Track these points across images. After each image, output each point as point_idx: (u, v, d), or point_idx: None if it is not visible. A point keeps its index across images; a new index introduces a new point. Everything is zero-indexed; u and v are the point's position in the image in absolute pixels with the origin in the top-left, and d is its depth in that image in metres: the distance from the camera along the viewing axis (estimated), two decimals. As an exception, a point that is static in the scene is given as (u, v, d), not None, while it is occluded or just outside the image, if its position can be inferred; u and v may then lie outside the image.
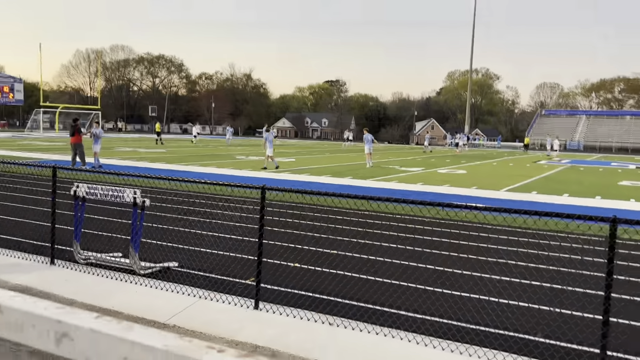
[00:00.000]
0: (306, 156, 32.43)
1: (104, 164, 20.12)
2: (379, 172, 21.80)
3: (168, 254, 6.93)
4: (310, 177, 18.61)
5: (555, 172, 26.02)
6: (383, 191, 15.25)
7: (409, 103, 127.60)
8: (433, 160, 33.28)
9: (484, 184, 18.25)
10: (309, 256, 7.12)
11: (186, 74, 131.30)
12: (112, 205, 9.20)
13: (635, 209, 13.25)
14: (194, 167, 21.39)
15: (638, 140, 76.12)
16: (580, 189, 17.52)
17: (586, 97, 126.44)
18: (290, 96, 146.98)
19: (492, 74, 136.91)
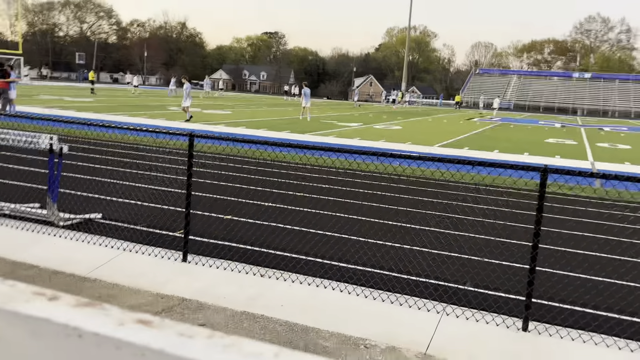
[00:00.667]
0: (243, 109, 31.74)
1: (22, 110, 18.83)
2: (317, 127, 21.65)
3: (90, 205, 6.54)
4: (246, 130, 18.19)
5: (487, 129, 26.77)
6: (319, 145, 15.13)
7: (348, 59, 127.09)
8: (371, 116, 33.44)
9: (418, 140, 18.50)
10: (240, 207, 6.93)
11: (116, 20, 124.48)
12: (27, 154, 8.58)
13: (560, 164, 13.82)
14: (123, 117, 20.44)
15: (563, 100, 79.66)
16: (509, 146, 18.10)
17: (518, 57, 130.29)
18: (228, 47, 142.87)
19: (430, 31, 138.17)
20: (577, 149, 18.17)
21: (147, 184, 7.91)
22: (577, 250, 5.98)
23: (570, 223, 7.04)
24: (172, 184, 7.99)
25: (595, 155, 16.65)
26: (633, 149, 19.53)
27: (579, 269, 5.32)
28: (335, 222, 6.51)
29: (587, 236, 6.56)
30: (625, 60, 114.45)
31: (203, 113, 25.68)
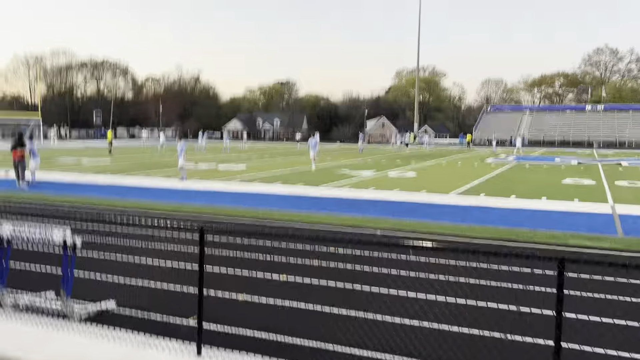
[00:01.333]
0: (257, 161, 32.01)
1: (44, 180, 19.18)
2: (330, 177, 21.69)
3: (104, 289, 6.52)
4: (260, 187, 18.27)
5: (502, 170, 26.60)
6: (334, 200, 15.11)
7: (360, 102, 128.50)
8: (384, 161, 33.48)
9: (433, 187, 18.39)
10: (256, 284, 6.84)
11: (132, 77, 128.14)
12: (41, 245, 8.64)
13: (580, 210, 13.59)
14: (138, 179, 20.67)
15: (578, 133, 79.20)
16: (526, 189, 17.89)
17: (529, 91, 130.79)
18: (241, 97, 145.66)
19: (439, 71, 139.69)
20: (596, 190, 17.90)
21: (159, 257, 7.88)
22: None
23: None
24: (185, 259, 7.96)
25: (615, 196, 16.37)
26: (653, 186, 19.20)
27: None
28: (365, 299, 6.38)
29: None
30: (638, 89, 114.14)
31: (218, 169, 25.95)
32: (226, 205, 13.92)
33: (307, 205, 13.92)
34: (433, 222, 11.58)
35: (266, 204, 14.07)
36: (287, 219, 11.77)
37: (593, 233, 10.47)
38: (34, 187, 17.52)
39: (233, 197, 15.66)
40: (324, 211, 13.00)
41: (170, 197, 15.35)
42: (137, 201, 14.51)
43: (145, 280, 6.98)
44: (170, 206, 13.66)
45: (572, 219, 12.22)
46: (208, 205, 13.89)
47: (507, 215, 12.70)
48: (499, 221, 11.78)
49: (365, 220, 11.80)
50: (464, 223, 11.52)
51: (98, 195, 15.69)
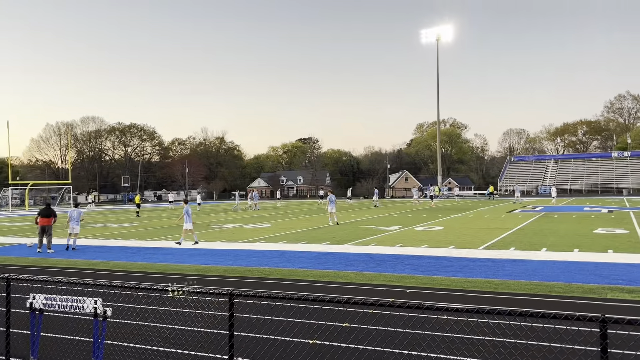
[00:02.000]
0: (282, 220, 32.07)
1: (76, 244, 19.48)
2: (356, 234, 21.55)
3: (135, 359, 6.46)
4: (286, 246, 18.24)
5: (531, 222, 26.13)
6: (361, 256, 14.97)
7: (382, 156, 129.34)
8: (409, 216, 33.24)
9: (461, 242, 18.11)
10: (284, 349, 6.72)
11: (159, 141, 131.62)
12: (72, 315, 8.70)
13: (615, 260, 13.19)
14: (165, 242, 20.84)
15: (606, 180, 77.91)
16: (557, 241, 17.49)
17: (552, 140, 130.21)
18: (265, 156, 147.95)
19: (460, 123, 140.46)
20: (630, 240, 17.40)
21: (187, 326, 7.83)
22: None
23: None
24: (213, 325, 7.88)
25: (651, 245, 15.88)
26: (690, 233, 18.59)
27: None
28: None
29: (659, 358, 6.02)
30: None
31: (244, 228, 26.05)
32: (253, 265, 13.89)
33: (334, 264, 13.80)
34: (464, 278, 11.34)
35: (293, 264, 13.99)
36: (313, 278, 11.66)
37: (632, 285, 10.11)
38: (71, 253, 17.93)
39: (260, 256, 15.63)
40: (351, 269, 12.87)
41: (199, 259, 15.40)
42: (165, 264, 14.59)
43: (175, 348, 6.90)
44: (197, 267, 13.69)
45: (608, 270, 11.84)
46: (235, 266, 13.88)
47: (539, 268, 12.37)
48: (532, 275, 11.48)
49: (394, 277, 11.62)
50: (495, 278, 11.25)
51: (126, 260, 15.83)
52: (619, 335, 6.55)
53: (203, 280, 11.88)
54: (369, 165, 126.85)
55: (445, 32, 77.48)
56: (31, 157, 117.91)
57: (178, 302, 8.89)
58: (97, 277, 12.79)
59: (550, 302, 8.85)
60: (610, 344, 3.54)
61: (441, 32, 77.40)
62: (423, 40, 78.41)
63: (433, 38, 77.67)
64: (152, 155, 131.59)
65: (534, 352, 6.22)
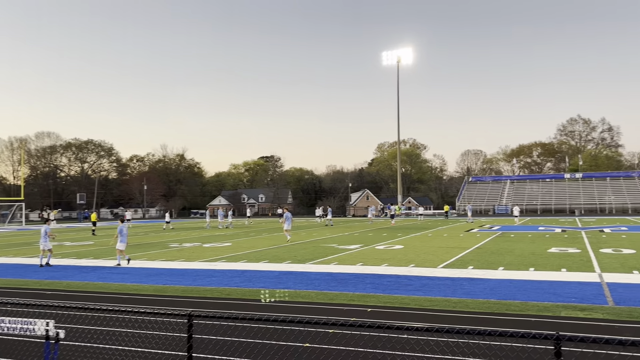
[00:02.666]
0: (243, 239, 31.75)
1: (22, 264, 18.79)
2: (317, 253, 21.53)
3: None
4: (247, 265, 18.05)
5: (488, 241, 26.68)
6: (322, 275, 14.94)
7: (343, 175, 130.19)
8: (370, 234, 33.45)
9: (421, 261, 18.31)
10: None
11: (116, 158, 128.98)
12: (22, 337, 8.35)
13: (568, 279, 13.57)
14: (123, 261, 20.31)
15: (559, 200, 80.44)
16: (513, 260, 17.90)
17: (508, 162, 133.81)
18: (226, 173, 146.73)
19: (419, 143, 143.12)
20: (582, 259, 17.96)
21: (145, 347, 7.63)
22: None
23: None
24: (172, 347, 7.70)
25: (602, 264, 16.43)
26: (638, 253, 19.32)
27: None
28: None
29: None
30: (613, 157, 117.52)
31: (203, 247, 25.67)
32: (213, 285, 13.69)
33: (295, 283, 13.73)
34: (423, 297, 11.46)
35: (254, 283, 13.86)
36: (275, 298, 11.56)
37: (584, 303, 10.41)
38: (22, 272, 17.19)
39: (220, 276, 15.40)
40: (312, 288, 12.82)
41: (156, 279, 15.06)
42: (121, 284, 14.21)
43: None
44: (155, 288, 13.39)
45: (562, 289, 12.17)
46: (194, 286, 13.64)
47: (496, 287, 12.62)
48: (489, 294, 11.69)
49: (355, 296, 11.65)
50: (454, 297, 11.41)
51: (81, 280, 15.35)
52: (572, 352, 6.72)
53: (161, 301, 11.62)
54: (331, 184, 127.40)
55: (405, 55, 79.23)
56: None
57: (135, 323, 8.66)
58: (49, 297, 12.34)
59: (507, 320, 9.03)
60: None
61: (402, 54, 79.14)
62: (384, 62, 79.92)
63: (394, 60, 79.30)
64: (109, 172, 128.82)
65: (491, 370, 6.32)
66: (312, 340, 7.87)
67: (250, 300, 11.56)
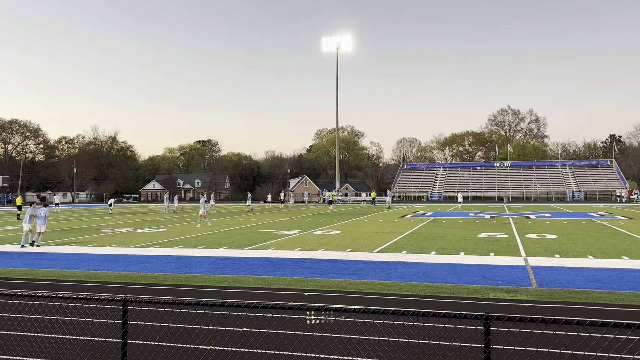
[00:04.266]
0: (178, 224, 31.16)
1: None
2: (255, 238, 21.47)
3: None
4: (182, 251, 17.75)
5: (421, 226, 27.49)
6: (260, 260, 14.94)
7: (282, 161, 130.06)
8: (308, 220, 33.68)
9: (357, 245, 18.65)
10: (180, 356, 6.55)
11: (44, 139, 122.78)
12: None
13: (496, 263, 14.23)
14: (51, 247, 19.50)
15: (489, 188, 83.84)
16: (445, 245, 18.55)
17: (441, 150, 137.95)
18: (160, 157, 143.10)
19: (357, 131, 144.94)
20: (509, 244, 18.85)
21: (77, 335, 7.39)
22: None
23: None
24: (105, 333, 7.51)
25: (527, 248, 17.31)
26: (559, 238, 20.48)
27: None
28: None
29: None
30: (539, 147, 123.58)
31: (137, 233, 25.01)
32: (147, 271, 13.39)
33: (232, 269, 13.65)
34: (359, 280, 11.70)
35: (189, 269, 13.67)
36: (211, 284, 11.47)
37: (510, 286, 10.97)
38: None
39: (154, 262, 15.09)
40: (249, 274, 12.81)
41: (88, 264, 14.56)
42: (50, 270, 13.65)
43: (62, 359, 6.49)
44: (86, 274, 12.95)
45: (490, 272, 12.76)
46: (128, 272, 13.30)
47: (429, 271, 13.06)
48: (422, 277, 12.09)
49: (293, 280, 11.74)
50: (389, 280, 11.72)
51: (4, 266, 14.62)
52: (500, 331, 7.08)
53: (93, 287, 11.26)
54: (270, 170, 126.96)
55: (344, 42, 79.62)
56: None
57: (67, 310, 8.35)
58: (-30, 285, 11.67)
59: (439, 303, 9.38)
60: (492, 340, 3.84)
61: (341, 41, 79.46)
62: (324, 48, 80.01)
63: (333, 47, 79.54)
64: (35, 154, 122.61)
65: (425, 350, 6.56)
66: (249, 325, 7.88)
67: (185, 286, 11.41)
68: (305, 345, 6.88)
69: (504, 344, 6.65)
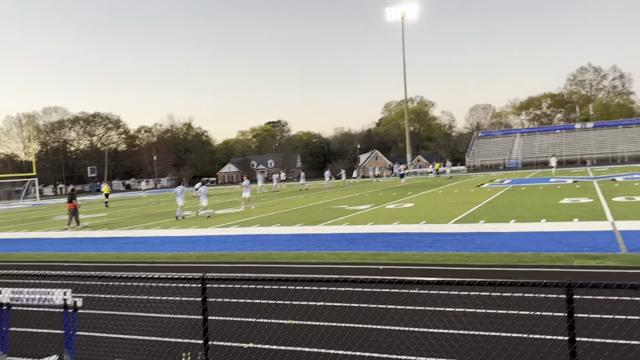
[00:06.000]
0: (255, 203, 31.93)
1: (38, 238, 19.05)
2: (328, 215, 21.63)
3: (108, 350, 6.39)
4: (259, 229, 18.19)
5: (499, 194, 26.63)
6: (334, 236, 15.04)
7: (351, 136, 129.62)
8: (380, 194, 33.51)
9: (432, 217, 18.35)
10: (259, 331, 6.73)
11: (124, 129, 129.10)
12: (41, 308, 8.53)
13: (580, 229, 13.56)
14: (136, 231, 20.58)
15: (570, 152, 79.71)
16: (525, 213, 17.87)
17: (517, 115, 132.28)
18: (234, 140, 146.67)
19: (427, 100, 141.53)
20: (594, 208, 17.89)
21: (160, 313, 7.77)
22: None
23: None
24: (187, 311, 7.84)
25: (614, 212, 16.37)
26: (651, 199, 19.21)
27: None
28: (375, 338, 6.26)
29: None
30: (625, 104, 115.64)
31: (216, 214, 25.88)
32: (226, 250, 13.84)
33: (307, 245, 13.83)
34: (435, 252, 11.51)
35: (266, 246, 13.99)
36: (287, 260, 11.68)
37: (597, 252, 10.42)
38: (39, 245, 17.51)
39: (233, 241, 15.56)
40: (324, 249, 12.92)
41: (171, 246, 15.26)
42: (136, 253, 14.41)
43: (149, 336, 6.85)
44: (169, 255, 13.57)
45: (574, 239, 12.17)
46: (208, 252, 13.81)
47: (508, 240, 12.65)
48: (501, 247, 11.72)
49: (367, 255, 11.73)
50: (466, 251, 11.46)
51: (96, 251, 15.59)
52: (584, 299, 6.75)
53: (176, 267, 11.79)
54: (340, 146, 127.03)
55: (410, 10, 77.51)
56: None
57: (150, 289, 8.79)
58: (67, 269, 12.55)
59: (519, 272, 9.07)
60: (576, 308, 3.64)
61: (406, 9, 77.42)
62: (388, 18, 78.35)
63: (398, 16, 77.68)
64: (118, 144, 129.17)
65: (503, 320, 6.37)
66: (324, 298, 7.96)
67: (263, 263, 11.69)
68: (380, 318, 6.87)
69: (589, 312, 6.34)
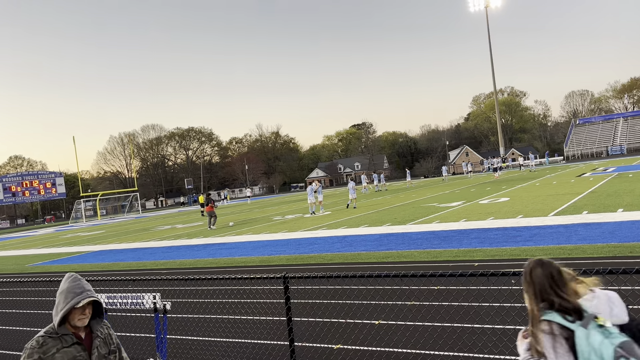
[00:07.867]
0: (342, 207, 31.91)
1: (140, 247, 20.05)
2: (418, 213, 21.08)
3: (198, 351, 6.45)
4: (347, 231, 18.05)
5: (603, 183, 24.75)
6: (424, 234, 14.57)
7: (439, 133, 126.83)
8: (473, 190, 32.30)
9: (529, 211, 17.31)
10: (348, 330, 6.52)
11: (217, 142, 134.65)
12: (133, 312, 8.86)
13: (701, 215, 12.18)
14: (229, 237, 21.15)
15: (684, 134, 73.03)
16: (634, 200, 16.40)
17: (619, 98, 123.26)
18: (320, 145, 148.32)
19: (518, 91, 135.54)
20: None
21: (247, 315, 7.78)
22: None
23: None
24: (271, 312, 7.80)
25: None
26: None
27: None
28: (468, 337, 5.88)
29: None
30: None
31: (304, 218, 26.09)
32: (314, 252, 13.80)
33: (396, 244, 13.48)
34: (534, 247, 10.76)
35: (354, 247, 13.80)
36: (376, 260, 11.41)
37: None
38: (140, 254, 18.50)
39: (321, 243, 15.52)
40: (414, 248, 12.52)
41: (262, 250, 15.48)
42: (230, 258, 14.75)
43: (236, 338, 6.86)
44: (260, 259, 13.75)
45: (695, 226, 10.93)
46: (298, 254, 13.84)
47: (616, 230, 11.59)
48: (608, 237, 10.76)
49: (460, 252, 11.20)
50: (569, 244, 10.62)
51: (192, 257, 16.14)
52: None
53: (266, 270, 11.88)
54: (427, 144, 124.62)
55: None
56: (99, 169, 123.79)
57: (237, 293, 8.87)
58: (164, 275, 13.06)
59: (631, 263, 8.22)
60: None
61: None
62: (471, 9, 75.89)
63: (482, 5, 75.06)
64: (212, 156, 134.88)
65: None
66: (416, 299, 7.62)
67: (351, 263, 11.50)
68: (473, 314, 6.43)
69: None
